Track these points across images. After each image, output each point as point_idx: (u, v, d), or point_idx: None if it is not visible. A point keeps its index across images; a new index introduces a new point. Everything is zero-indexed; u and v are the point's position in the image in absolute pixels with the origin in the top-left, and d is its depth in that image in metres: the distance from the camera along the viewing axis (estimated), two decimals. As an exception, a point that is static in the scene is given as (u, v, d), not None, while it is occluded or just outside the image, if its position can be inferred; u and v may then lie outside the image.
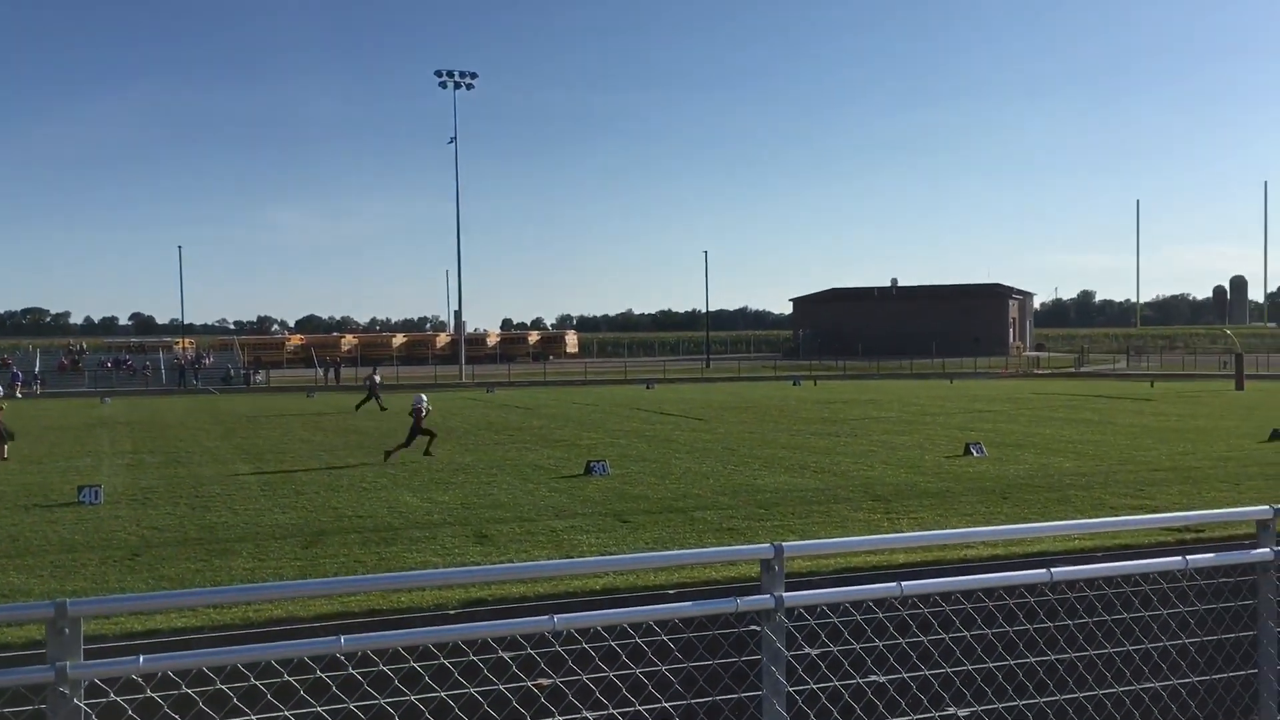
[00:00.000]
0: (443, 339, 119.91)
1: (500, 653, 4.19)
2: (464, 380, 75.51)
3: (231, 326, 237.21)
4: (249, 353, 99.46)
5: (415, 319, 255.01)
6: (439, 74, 79.90)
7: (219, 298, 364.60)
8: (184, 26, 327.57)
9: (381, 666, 4.06)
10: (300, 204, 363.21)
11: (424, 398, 27.71)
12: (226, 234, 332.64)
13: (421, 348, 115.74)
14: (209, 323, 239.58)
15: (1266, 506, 4.89)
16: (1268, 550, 4.83)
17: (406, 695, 4.26)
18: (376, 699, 4.21)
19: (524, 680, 4.31)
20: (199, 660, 3.31)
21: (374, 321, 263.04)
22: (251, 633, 10.70)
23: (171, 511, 18.52)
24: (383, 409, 43.86)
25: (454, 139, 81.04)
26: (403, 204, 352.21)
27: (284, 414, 44.99)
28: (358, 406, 45.95)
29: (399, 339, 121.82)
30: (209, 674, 3.52)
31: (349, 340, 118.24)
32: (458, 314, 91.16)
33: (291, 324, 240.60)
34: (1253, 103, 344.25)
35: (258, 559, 14.59)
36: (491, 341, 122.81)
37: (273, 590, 5.53)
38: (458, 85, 79.97)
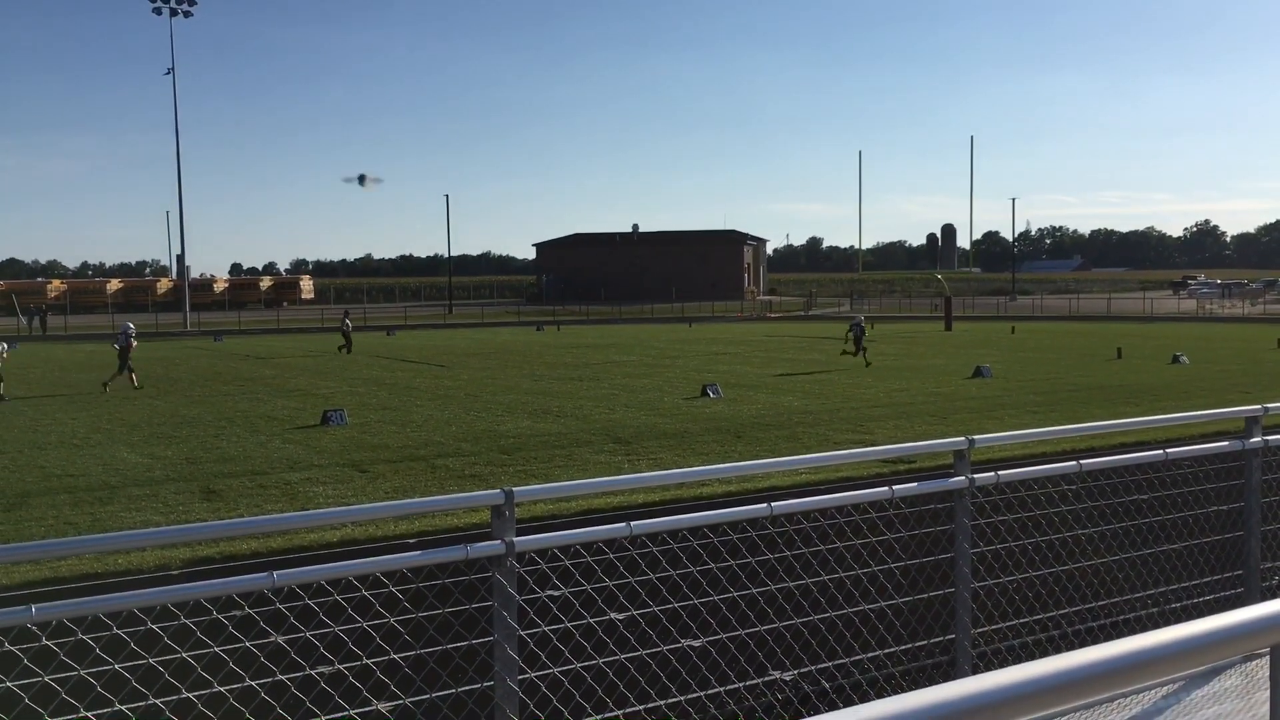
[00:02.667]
0: (165, 284, 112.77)
1: (215, 613, 3.97)
2: (189, 328, 71.35)
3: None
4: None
5: (133, 263, 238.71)
6: (153, -2, 73.89)
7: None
8: None
9: (81, 635, 3.75)
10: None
11: (863, 317, 37.16)
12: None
13: (140, 294, 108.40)
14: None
15: (963, 438, 5.27)
16: (963, 478, 5.22)
17: (110, 664, 3.97)
18: (75, 669, 3.89)
19: (243, 640, 4.11)
20: None
21: (86, 266, 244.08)
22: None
23: None
24: (347, 351, 43.53)
25: (171, 70, 75.46)
26: (113, 140, 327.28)
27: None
28: (340, 348, 44.28)
29: (114, 284, 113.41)
30: None
31: (56, 286, 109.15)
32: (180, 258, 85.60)
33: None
34: (964, 64, 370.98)
35: (-50, 526, 13.31)
36: (219, 287, 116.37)
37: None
38: (174, 12, 74.15)
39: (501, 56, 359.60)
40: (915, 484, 5.16)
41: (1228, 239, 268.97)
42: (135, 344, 30.30)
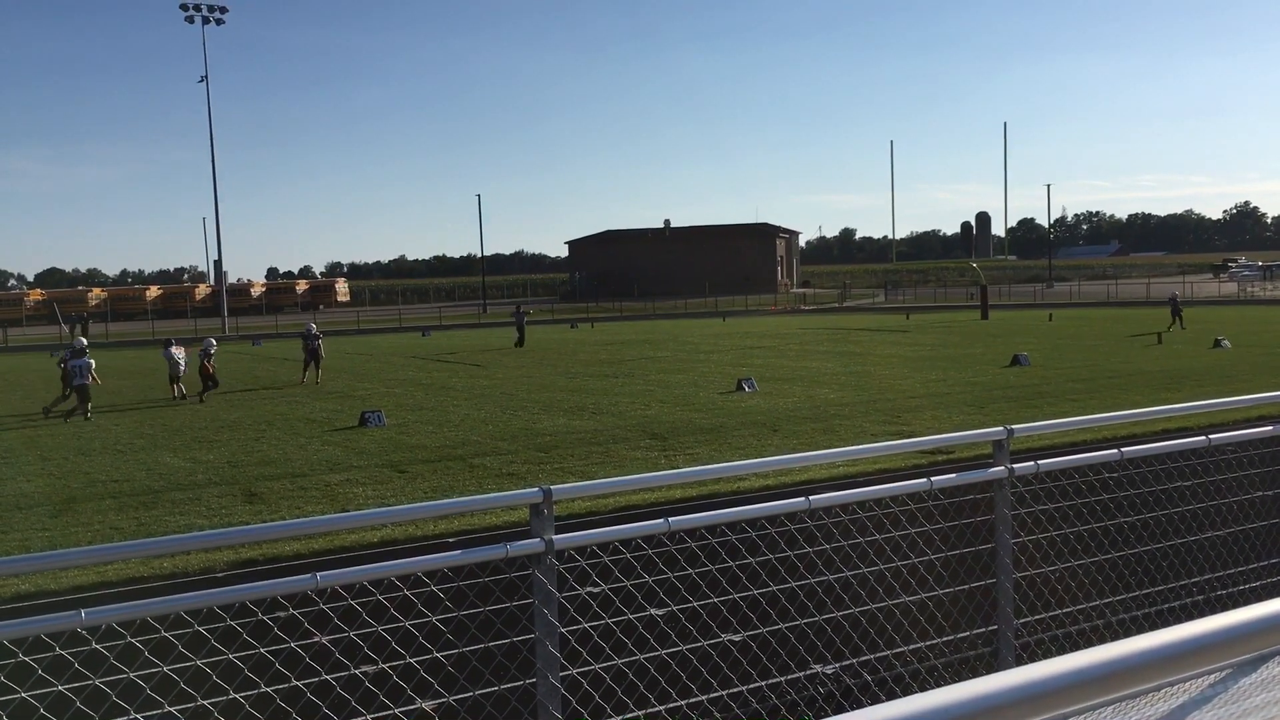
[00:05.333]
0: (203, 290, 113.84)
1: (260, 615, 4.02)
2: (227, 333, 72.05)
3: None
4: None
5: (171, 270, 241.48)
6: (184, 6, 74.57)
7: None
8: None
9: (130, 639, 3.81)
10: (32, 149, 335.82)
11: (1177, 292, 39.39)
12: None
13: (179, 300, 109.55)
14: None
15: (1001, 427, 5.23)
16: (1002, 468, 5.18)
17: (159, 666, 4.03)
18: (125, 672, 3.96)
19: (288, 641, 4.16)
20: None
21: (125, 274, 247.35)
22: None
23: (-104, 486, 16.91)
24: (519, 344, 45.51)
25: (204, 77, 76.17)
26: (149, 148, 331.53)
27: (25, 375, 41.73)
28: (516, 344, 45.93)
29: (154, 291, 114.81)
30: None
31: (97, 294, 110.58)
32: (217, 263, 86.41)
33: (30, 278, 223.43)
34: (995, 49, 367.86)
35: (-1, 532, 13.54)
36: (256, 292, 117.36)
37: (14, 564, 5.13)
38: (206, 20, 74.83)
39: (529, 53, 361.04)
40: (954, 475, 5.13)
41: (1268, 220, 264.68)
42: (317, 344, 32.25)
